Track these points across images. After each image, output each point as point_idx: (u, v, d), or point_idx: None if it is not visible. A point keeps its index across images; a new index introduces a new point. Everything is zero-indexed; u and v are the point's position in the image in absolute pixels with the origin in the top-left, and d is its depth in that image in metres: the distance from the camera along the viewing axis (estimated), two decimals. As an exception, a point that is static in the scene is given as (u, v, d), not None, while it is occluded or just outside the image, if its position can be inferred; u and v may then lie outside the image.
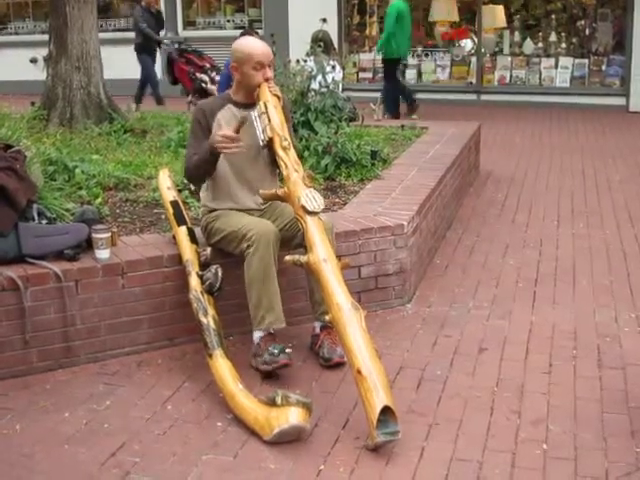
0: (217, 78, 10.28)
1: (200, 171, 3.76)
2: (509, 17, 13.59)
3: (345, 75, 11.26)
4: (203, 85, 10.63)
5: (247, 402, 3.12)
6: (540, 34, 13.56)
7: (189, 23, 15.02)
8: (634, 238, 5.72)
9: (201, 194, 3.97)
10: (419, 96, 11.66)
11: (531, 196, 7.01)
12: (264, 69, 3.71)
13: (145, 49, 11.86)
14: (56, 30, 7.69)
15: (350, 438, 3.04)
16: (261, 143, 3.70)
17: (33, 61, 13.85)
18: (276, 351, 3.47)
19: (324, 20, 7.68)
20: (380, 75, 12.30)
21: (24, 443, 3.02)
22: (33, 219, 3.73)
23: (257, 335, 3.58)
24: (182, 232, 3.80)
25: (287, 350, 3.50)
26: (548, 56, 13.27)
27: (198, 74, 10.88)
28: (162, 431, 3.11)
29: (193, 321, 3.51)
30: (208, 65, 11.20)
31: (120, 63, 12.45)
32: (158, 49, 12.14)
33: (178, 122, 7.28)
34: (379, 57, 11.72)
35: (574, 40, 13.40)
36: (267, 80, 3.73)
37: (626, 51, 12.53)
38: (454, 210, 6.24)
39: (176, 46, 11.78)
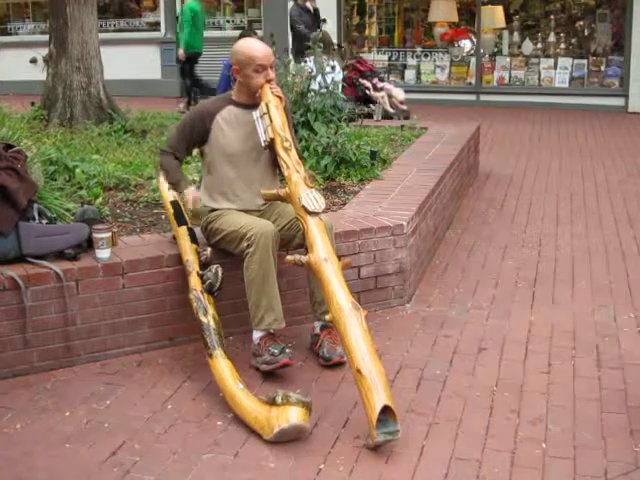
0: (379, 85, 9.71)
1: (164, 176, 4.01)
2: (508, 18, 13.60)
3: (345, 75, 11.27)
4: (367, 92, 9.69)
5: (247, 401, 3.12)
6: (539, 35, 13.58)
7: (189, 23, 15.00)
8: (633, 238, 5.73)
9: (202, 194, 3.98)
10: (419, 96, 11.67)
11: (530, 196, 7.02)
12: (266, 71, 3.72)
13: (301, 52, 10.82)
14: (56, 30, 7.69)
15: (350, 437, 3.05)
16: (263, 144, 3.71)
17: (33, 61, 13.84)
18: (276, 351, 3.48)
19: (324, 20, 7.68)
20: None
21: (25, 442, 3.03)
22: (34, 219, 3.73)
23: (257, 335, 3.59)
24: (182, 232, 3.81)
25: (287, 350, 3.51)
26: (547, 57, 13.28)
27: (361, 80, 9.94)
28: (162, 430, 3.11)
29: (193, 321, 3.52)
30: (369, 71, 10.28)
31: (120, 63, 12.47)
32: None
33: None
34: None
35: (573, 41, 13.41)
36: (269, 81, 3.74)
37: (625, 52, 12.55)
38: (453, 210, 6.25)
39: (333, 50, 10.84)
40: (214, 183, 3.85)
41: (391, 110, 9.32)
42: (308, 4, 10.78)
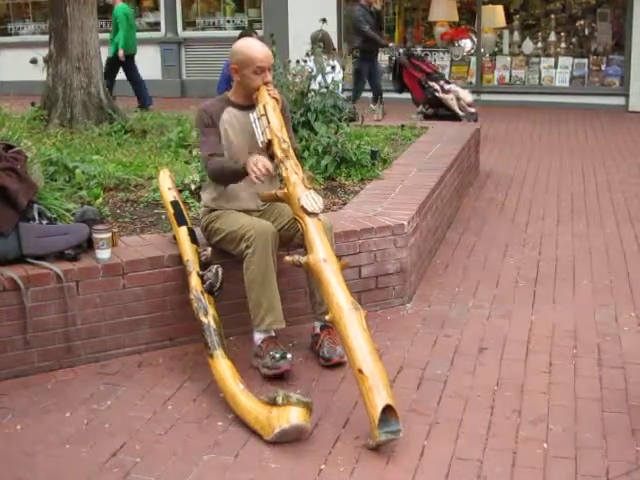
0: (446, 87, 9.47)
1: (224, 178, 3.76)
2: (508, 17, 13.59)
3: (345, 75, 11.26)
4: (436, 94, 9.42)
5: (248, 402, 3.12)
6: (539, 34, 13.57)
7: (189, 23, 15.02)
8: (634, 237, 5.73)
9: (203, 194, 3.98)
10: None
11: (531, 196, 7.02)
12: (264, 73, 3.72)
13: (364, 54, 10.46)
14: (56, 30, 7.69)
15: (351, 437, 3.05)
16: (260, 145, 3.70)
17: (33, 62, 13.85)
18: (277, 356, 3.48)
19: (324, 20, 7.66)
20: None
21: (25, 443, 3.02)
22: (34, 219, 3.73)
23: (258, 337, 3.59)
24: (183, 232, 3.81)
25: (288, 355, 3.51)
26: (547, 56, 13.28)
27: (430, 82, 9.63)
28: (163, 431, 3.11)
29: (194, 321, 3.51)
30: (434, 72, 10.04)
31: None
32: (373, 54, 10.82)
33: (178, 122, 7.28)
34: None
35: (573, 40, 13.41)
36: (266, 84, 3.74)
37: (625, 51, 12.54)
38: (454, 210, 6.24)
39: (400, 51, 10.36)
40: (215, 185, 3.84)
41: (461, 113, 9.17)
42: (372, 6, 10.51)
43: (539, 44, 13.45)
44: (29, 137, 5.42)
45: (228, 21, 14.90)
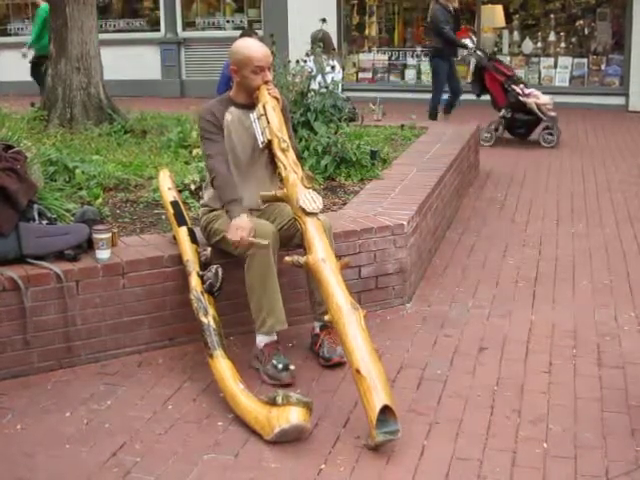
0: (527, 90, 9.25)
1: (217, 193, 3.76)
2: (508, 17, 13.58)
3: (345, 75, 11.26)
4: (520, 98, 9.11)
5: (248, 402, 3.12)
6: (539, 34, 13.56)
7: (188, 24, 15.03)
8: (634, 237, 5.73)
9: (204, 192, 3.97)
10: (420, 96, 11.64)
11: (531, 196, 7.02)
12: (264, 72, 3.72)
13: (442, 54, 10.05)
14: (56, 31, 7.69)
15: (351, 437, 3.05)
16: (260, 145, 3.71)
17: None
18: (280, 366, 3.47)
19: (324, 20, 7.66)
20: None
21: (25, 443, 3.03)
22: (34, 219, 3.73)
23: (260, 340, 3.59)
24: (183, 232, 3.81)
25: (291, 367, 3.50)
26: (547, 56, 13.27)
27: (513, 86, 9.27)
28: (163, 431, 3.11)
29: (194, 321, 3.51)
30: (514, 75, 9.67)
31: (120, 64, 12.47)
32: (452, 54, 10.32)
33: (178, 122, 7.27)
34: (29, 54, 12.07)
35: (573, 40, 13.40)
36: (266, 83, 3.74)
37: (625, 50, 12.54)
38: (454, 210, 6.25)
39: (479, 52, 9.92)
40: None
41: (544, 117, 9.10)
42: (450, 5, 10.15)
43: (539, 44, 13.44)
44: (29, 137, 5.41)
45: (228, 21, 14.89)
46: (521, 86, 9.34)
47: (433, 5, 10.23)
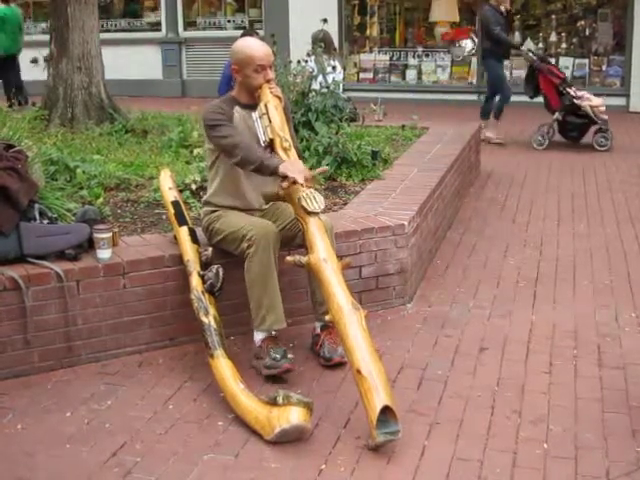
0: (579, 93, 9.09)
1: (253, 167, 3.63)
2: (509, 17, 13.57)
3: (346, 75, 11.25)
4: (575, 102, 8.96)
5: (248, 402, 3.12)
6: (540, 34, 13.56)
7: (190, 23, 15.02)
8: (634, 238, 5.73)
9: (208, 191, 3.96)
10: (420, 96, 11.65)
11: (531, 196, 7.02)
12: (265, 71, 3.72)
13: (495, 55, 9.73)
14: (57, 30, 7.69)
15: (351, 437, 3.05)
16: (262, 144, 3.70)
17: (34, 61, 13.85)
18: (278, 355, 3.48)
19: (325, 20, 7.66)
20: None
21: (26, 442, 3.03)
22: (35, 219, 3.73)
23: (258, 337, 3.59)
24: (183, 232, 3.81)
25: (289, 355, 3.50)
26: (548, 56, 13.23)
27: (568, 89, 9.10)
28: (163, 431, 3.11)
29: (194, 321, 3.51)
30: (565, 78, 9.49)
31: (121, 63, 12.46)
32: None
33: (179, 122, 7.28)
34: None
35: (574, 40, 13.39)
36: (268, 81, 3.74)
37: (626, 51, 12.54)
38: (455, 210, 6.24)
39: (530, 54, 9.71)
40: (224, 182, 3.82)
41: (598, 120, 9.01)
42: (502, 6, 9.86)
43: (540, 44, 13.43)
44: (30, 137, 5.41)
45: (229, 21, 14.89)
46: (573, 89, 9.24)
47: (484, 6, 10.03)
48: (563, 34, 13.37)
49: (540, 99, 9.45)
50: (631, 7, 12.28)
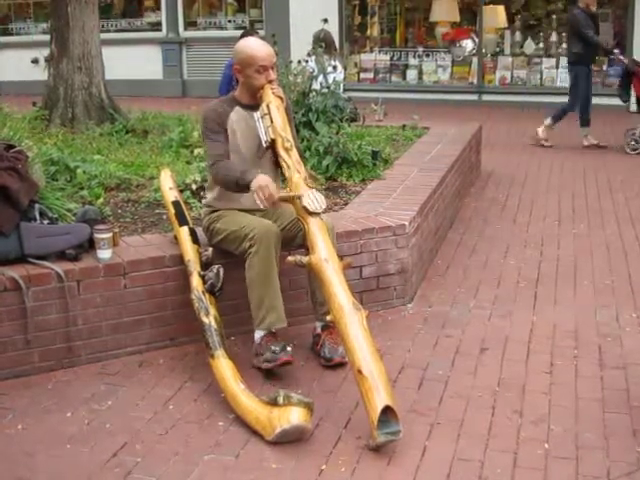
0: None
1: (228, 186, 3.71)
2: (510, 17, 13.57)
3: (346, 75, 11.25)
4: None
5: (249, 402, 3.12)
6: (541, 34, 13.55)
7: (190, 23, 15.02)
8: (635, 238, 5.73)
9: (207, 193, 3.97)
10: (421, 96, 11.65)
11: (532, 196, 7.02)
12: (267, 71, 3.72)
13: (585, 61, 9.45)
14: (57, 30, 7.70)
15: (352, 438, 3.05)
16: (264, 144, 3.71)
17: (34, 61, 13.86)
18: (277, 348, 3.48)
19: (325, 20, 7.67)
20: None
21: (26, 443, 3.02)
22: (35, 219, 3.73)
23: (258, 335, 3.59)
24: (184, 232, 3.81)
25: (288, 348, 3.51)
26: (549, 56, 13.26)
27: None
28: (164, 431, 3.11)
29: (195, 321, 3.51)
30: None
31: (121, 63, 12.46)
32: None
33: (179, 122, 7.28)
34: None
35: (575, 40, 13.37)
36: (270, 82, 3.73)
37: (627, 51, 12.52)
38: (455, 210, 6.24)
39: (621, 57, 9.56)
40: None
41: None
42: (592, 8, 9.64)
43: (541, 44, 13.43)
44: (30, 137, 5.42)
45: (229, 21, 14.88)
46: None
47: (573, 9, 9.77)
48: (564, 34, 13.35)
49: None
50: (631, 7, 12.28)
